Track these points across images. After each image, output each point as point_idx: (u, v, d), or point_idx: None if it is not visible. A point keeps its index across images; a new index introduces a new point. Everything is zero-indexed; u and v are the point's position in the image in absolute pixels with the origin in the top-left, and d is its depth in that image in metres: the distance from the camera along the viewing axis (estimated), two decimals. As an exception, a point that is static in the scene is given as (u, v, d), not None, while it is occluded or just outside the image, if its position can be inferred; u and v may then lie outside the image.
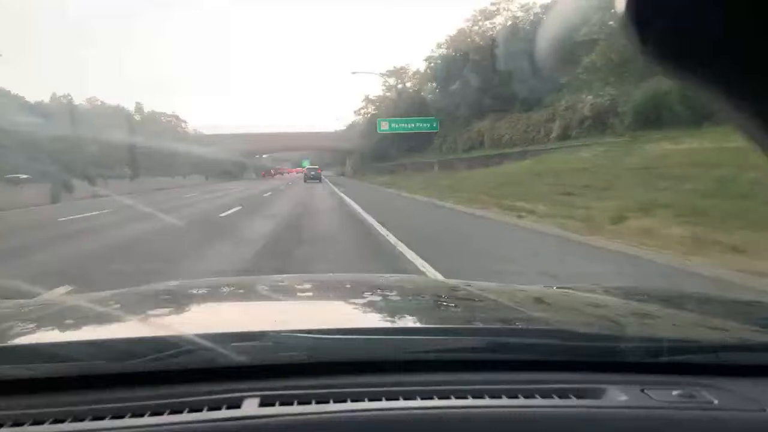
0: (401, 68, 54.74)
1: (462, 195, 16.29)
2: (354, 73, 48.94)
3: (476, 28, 39.14)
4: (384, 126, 39.19)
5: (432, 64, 46.53)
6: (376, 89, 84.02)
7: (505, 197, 13.56)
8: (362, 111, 61.17)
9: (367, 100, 60.42)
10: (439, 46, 44.45)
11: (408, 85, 53.21)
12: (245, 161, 64.31)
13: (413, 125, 38.36)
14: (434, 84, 44.93)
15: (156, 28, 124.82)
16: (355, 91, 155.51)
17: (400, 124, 38.88)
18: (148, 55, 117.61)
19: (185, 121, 65.31)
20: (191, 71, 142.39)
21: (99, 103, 54.97)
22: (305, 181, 44.26)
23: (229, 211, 14.29)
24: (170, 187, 31.22)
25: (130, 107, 58.85)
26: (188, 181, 43.08)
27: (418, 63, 53.42)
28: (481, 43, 35.71)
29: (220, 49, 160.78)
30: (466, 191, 17.00)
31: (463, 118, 35.44)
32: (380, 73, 51.85)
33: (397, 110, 44.43)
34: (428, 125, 38.20)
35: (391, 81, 53.83)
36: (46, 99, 50.62)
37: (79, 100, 53.69)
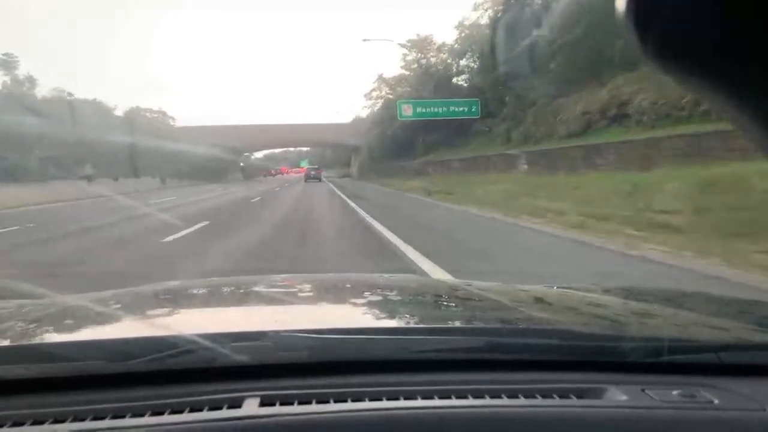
0: (425, 38, 42.05)
1: None
2: (365, 40, 36.01)
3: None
4: (407, 111, 29.88)
5: (463, 34, 37.02)
6: (391, 70, 74.29)
7: None
8: (374, 94, 49.39)
9: (381, 79, 48.49)
10: (476, 7, 34.51)
11: (433, 60, 41.26)
12: (230, 158, 56.33)
13: (446, 109, 29.41)
14: (475, 54, 34.17)
15: (139, 17, 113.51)
16: (360, 82, 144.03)
17: (428, 108, 29.65)
18: (135, 50, 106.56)
19: (173, 118, 57.60)
20: (181, 66, 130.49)
21: (66, 94, 43.73)
22: (306, 181, 42.29)
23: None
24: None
25: (124, 105, 53.50)
26: (122, 186, 29.34)
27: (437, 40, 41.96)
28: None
29: (214, 42, 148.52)
30: None
31: (544, 89, 22.25)
32: (399, 43, 40.57)
33: (423, 91, 35.03)
34: (466, 109, 29.26)
35: (412, 56, 42.94)
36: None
37: (44, 90, 44.09)
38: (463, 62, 37.16)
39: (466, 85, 35.36)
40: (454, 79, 37.09)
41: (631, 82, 16.18)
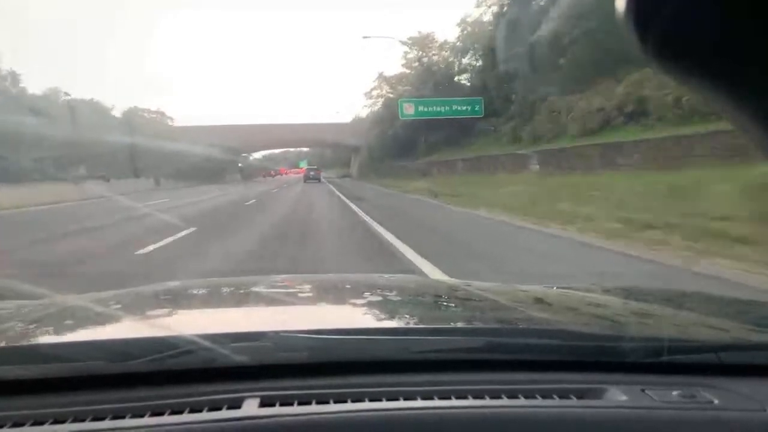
0: (427, 36, 41.36)
1: None
2: (366, 37, 35.28)
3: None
4: (408, 110, 29.15)
5: (465, 31, 36.39)
6: (392, 68, 74.06)
7: None
8: (375, 93, 48.61)
9: (382, 78, 47.66)
10: (479, 3, 34.12)
11: (435, 58, 40.62)
12: (228, 159, 55.32)
13: (449, 108, 28.54)
14: (477, 52, 33.66)
15: (137, 17, 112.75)
16: (360, 81, 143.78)
17: (431, 107, 28.83)
18: (133, 50, 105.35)
19: (171, 118, 56.98)
20: (179, 65, 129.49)
21: (63, 93, 41.63)
22: (305, 182, 41.34)
23: None
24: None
25: (122, 105, 52.37)
26: (113, 188, 28.05)
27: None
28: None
29: (213, 42, 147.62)
30: None
31: (553, 86, 21.29)
32: (400, 40, 40.06)
33: (424, 90, 34.53)
34: (469, 108, 28.42)
35: (413, 54, 42.19)
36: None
37: (40, 90, 43.39)
38: (465, 60, 36.81)
39: (468, 83, 34.68)
40: (456, 78, 36.93)
41: (648, 78, 15.16)
